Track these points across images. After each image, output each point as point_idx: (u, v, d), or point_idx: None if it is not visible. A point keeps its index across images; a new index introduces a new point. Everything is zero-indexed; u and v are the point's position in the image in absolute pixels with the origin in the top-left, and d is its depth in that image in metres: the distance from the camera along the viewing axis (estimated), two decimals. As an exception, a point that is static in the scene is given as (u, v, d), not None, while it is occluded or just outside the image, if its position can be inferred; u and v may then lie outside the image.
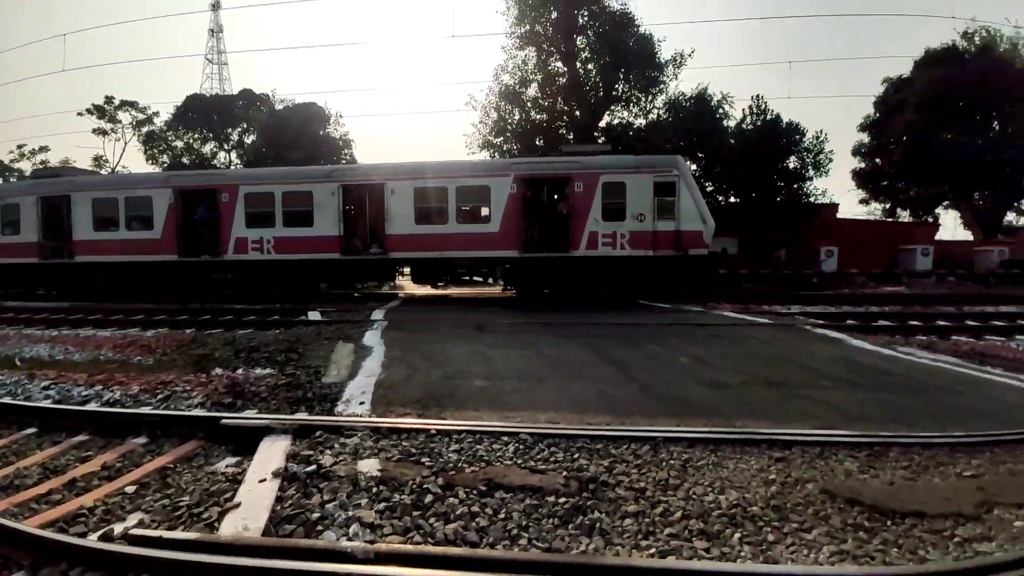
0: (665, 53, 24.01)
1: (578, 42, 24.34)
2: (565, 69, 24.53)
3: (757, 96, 22.83)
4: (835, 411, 4.29)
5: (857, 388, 4.94)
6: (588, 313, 10.60)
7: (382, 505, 2.82)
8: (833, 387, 4.97)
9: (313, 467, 3.26)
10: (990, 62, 22.05)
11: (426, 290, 16.77)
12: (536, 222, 13.36)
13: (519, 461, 3.37)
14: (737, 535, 2.52)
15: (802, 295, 13.81)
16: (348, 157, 30.82)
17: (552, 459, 3.39)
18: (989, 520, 2.65)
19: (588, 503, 2.83)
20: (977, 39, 23.89)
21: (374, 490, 2.98)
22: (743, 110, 23.33)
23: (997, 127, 23.29)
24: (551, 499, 2.87)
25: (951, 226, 26.51)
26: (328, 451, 3.53)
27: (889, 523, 2.62)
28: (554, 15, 23.25)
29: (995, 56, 22.37)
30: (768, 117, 21.78)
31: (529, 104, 25.19)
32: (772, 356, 6.29)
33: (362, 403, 4.68)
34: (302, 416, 4.39)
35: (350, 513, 2.73)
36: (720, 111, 24.20)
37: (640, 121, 25.57)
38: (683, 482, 3.06)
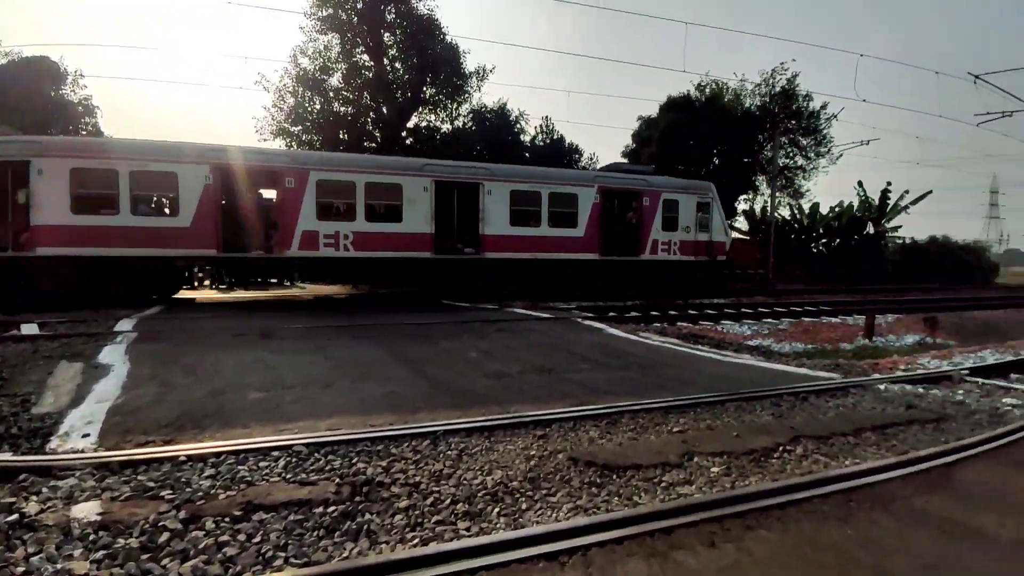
0: (469, 65, 25.16)
1: (386, 38, 23.84)
2: (372, 63, 23.77)
3: (546, 117, 25.56)
4: (589, 389, 5.05)
5: (608, 368, 5.92)
6: (388, 314, 10.45)
7: (100, 553, 2.33)
8: (590, 369, 5.86)
9: (15, 516, 2.58)
10: (714, 109, 28.66)
11: (206, 294, 14.43)
12: (611, 229, 14.90)
13: (288, 476, 3.14)
14: (496, 510, 2.77)
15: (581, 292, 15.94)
16: (90, 128, 24.68)
17: (328, 467, 3.24)
18: (690, 467, 3.41)
19: (360, 507, 2.78)
20: (707, 90, 30.76)
21: (91, 537, 2.44)
22: (535, 127, 25.84)
23: (717, 161, 30.34)
24: (319, 510, 2.73)
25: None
26: (35, 497, 2.79)
27: (615, 477, 3.19)
28: (360, 5, 22.34)
29: (718, 104, 29.10)
30: (555, 136, 24.55)
31: (332, 94, 23.72)
32: (547, 346, 7.12)
33: (86, 435, 3.78)
34: (3, 457, 3.38)
35: (59, 566, 2.21)
36: (518, 126, 26.49)
37: (447, 127, 26.37)
38: (456, 470, 3.23)
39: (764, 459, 3.57)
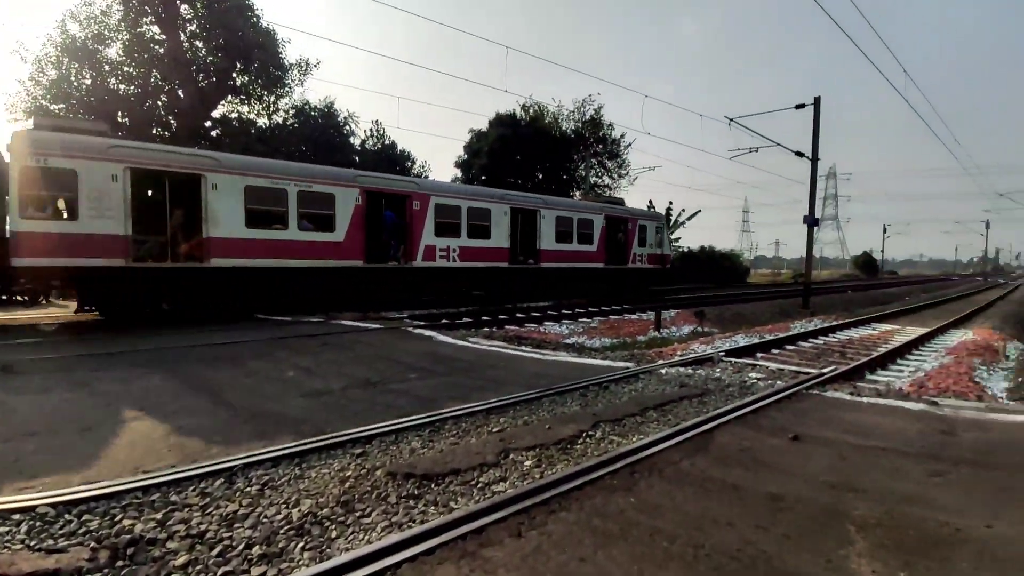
0: (290, 56, 23.22)
1: (183, 10, 20.53)
2: (164, 37, 20.25)
3: (376, 121, 24.82)
4: (415, 398, 4.99)
5: (435, 375, 5.94)
6: (185, 334, 8.92)
7: None
8: (417, 378, 5.80)
9: None
10: (536, 129, 31.11)
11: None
12: (611, 246, 20.17)
13: (32, 543, 2.47)
14: (300, 545, 2.53)
15: (423, 300, 15.69)
16: None
17: (83, 529, 2.62)
18: (506, 464, 3.57)
19: (122, 573, 2.29)
20: (531, 111, 33.22)
21: None
22: (365, 131, 24.91)
23: (541, 176, 32.90)
24: (64, 585, 2.18)
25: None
26: None
27: (433, 486, 3.19)
28: (147, -33, 18.85)
29: (540, 125, 31.65)
30: (386, 142, 23.96)
31: (108, 68, 19.56)
32: (375, 357, 6.85)
33: None
34: None
35: None
36: (347, 128, 25.21)
37: (263, 121, 23.91)
38: (256, 508, 2.88)
39: (570, 446, 3.93)
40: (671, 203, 34.12)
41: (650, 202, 34.52)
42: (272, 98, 23.56)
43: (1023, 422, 4.73)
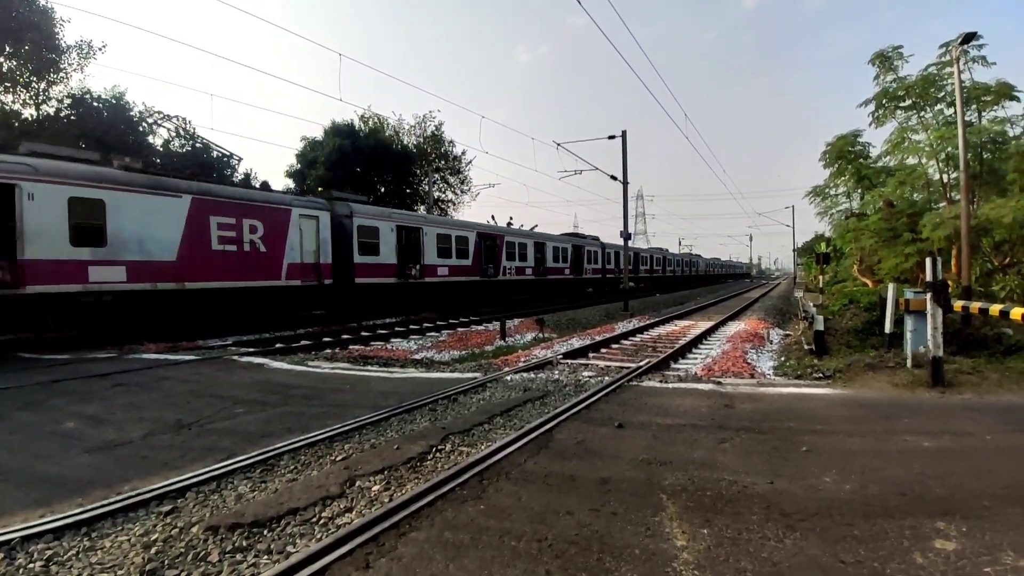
0: (69, 37, 19.34)
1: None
2: None
3: (183, 118, 21.73)
4: (243, 436, 4.43)
5: (267, 408, 5.35)
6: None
7: None
8: (245, 412, 5.16)
9: None
10: (377, 141, 30.28)
11: None
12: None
13: None
14: (88, 635, 2.07)
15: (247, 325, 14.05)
16: None
17: None
18: (351, 493, 3.36)
19: None
20: (371, 123, 32.24)
21: None
22: (169, 130, 21.64)
23: (382, 190, 32.02)
24: None
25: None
26: None
27: (267, 532, 2.87)
28: None
29: (381, 138, 30.89)
30: (198, 144, 21.08)
31: None
32: (189, 394, 5.90)
33: None
34: None
35: None
36: (143, 125, 21.53)
37: (31, 112, 19.42)
38: (20, 600, 2.27)
39: (420, 463, 3.88)
40: (511, 218, 36.45)
41: (492, 216, 36.31)
42: (43, 85, 19.27)
43: (785, 393, 6.05)
